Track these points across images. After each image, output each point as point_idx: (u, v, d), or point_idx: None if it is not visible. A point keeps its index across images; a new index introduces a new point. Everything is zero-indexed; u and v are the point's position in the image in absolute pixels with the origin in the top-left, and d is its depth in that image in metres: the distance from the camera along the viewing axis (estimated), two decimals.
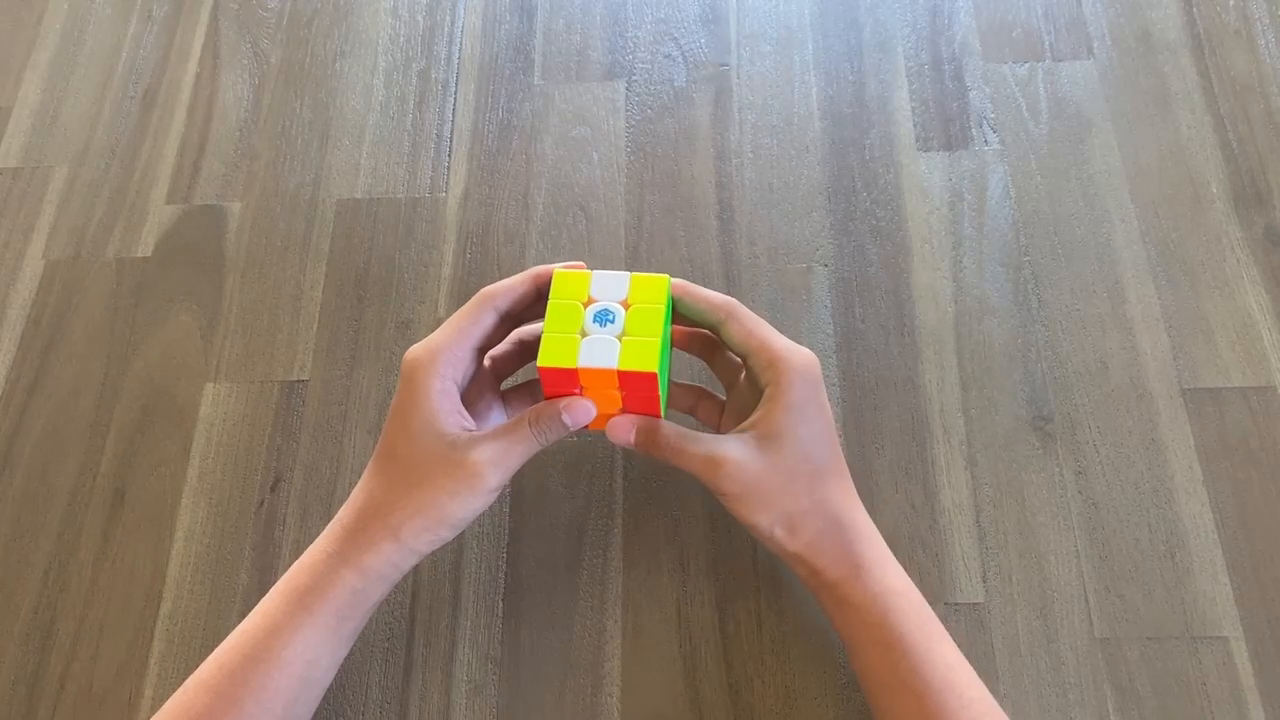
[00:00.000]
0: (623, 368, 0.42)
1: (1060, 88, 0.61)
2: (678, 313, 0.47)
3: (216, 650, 0.42)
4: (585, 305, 0.44)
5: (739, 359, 0.47)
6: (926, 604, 0.42)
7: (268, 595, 0.43)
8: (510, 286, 0.45)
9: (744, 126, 0.61)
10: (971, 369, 0.53)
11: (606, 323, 0.43)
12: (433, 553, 0.46)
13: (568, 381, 0.43)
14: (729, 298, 0.45)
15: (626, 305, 0.44)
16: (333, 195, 0.61)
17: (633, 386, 0.43)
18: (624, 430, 0.45)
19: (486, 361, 0.47)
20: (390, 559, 0.43)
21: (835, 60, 0.63)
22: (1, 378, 0.56)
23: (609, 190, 0.60)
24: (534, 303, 0.46)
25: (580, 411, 0.44)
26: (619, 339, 0.43)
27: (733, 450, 0.43)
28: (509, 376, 0.49)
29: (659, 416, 0.45)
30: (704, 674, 0.47)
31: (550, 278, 0.45)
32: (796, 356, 0.44)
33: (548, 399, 0.44)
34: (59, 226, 0.60)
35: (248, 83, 0.65)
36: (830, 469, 0.44)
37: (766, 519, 0.43)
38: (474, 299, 0.45)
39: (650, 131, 0.62)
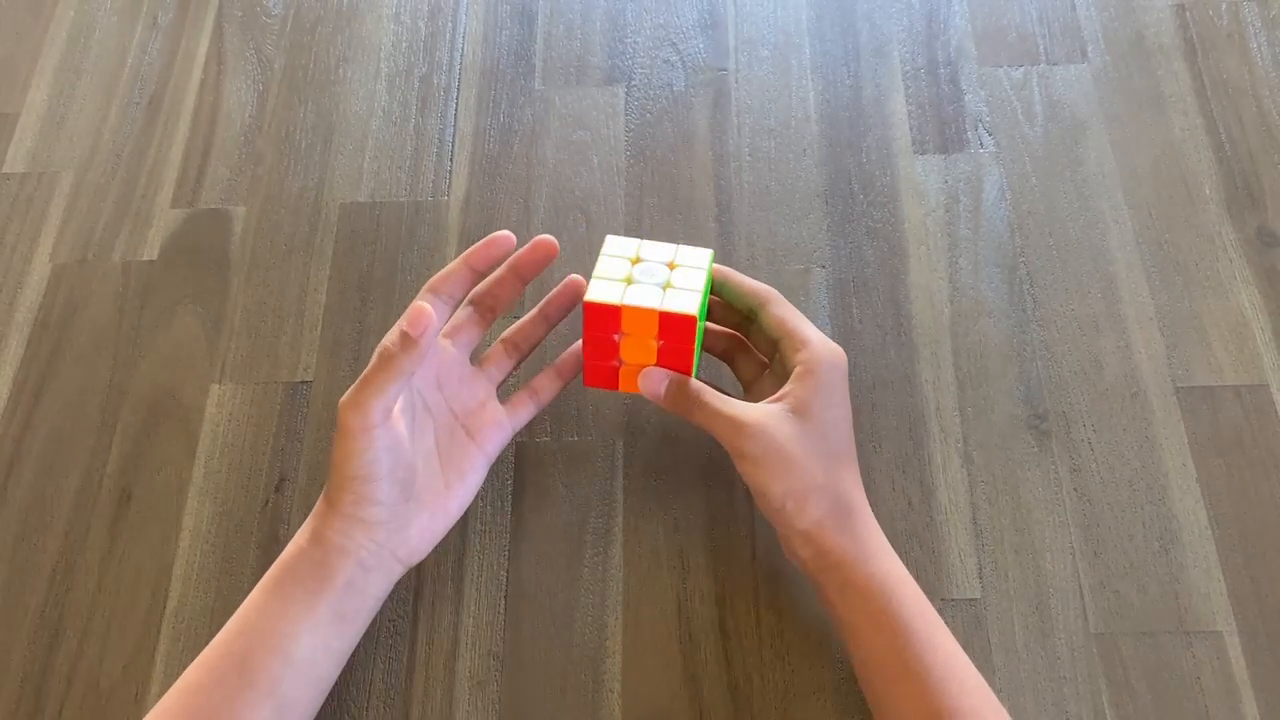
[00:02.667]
0: (664, 309, 0.44)
1: (1055, 91, 0.62)
2: (716, 297, 0.50)
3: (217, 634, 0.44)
4: (634, 264, 0.47)
5: (763, 357, 0.49)
6: (924, 595, 0.43)
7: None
8: (447, 272, 0.47)
9: (742, 130, 0.62)
10: (968, 368, 0.54)
11: (652, 277, 0.46)
12: (434, 551, 0.47)
13: (610, 323, 0.45)
14: (769, 287, 0.48)
15: (672, 266, 0.47)
16: (336, 199, 0.61)
17: (671, 334, 0.45)
18: (657, 381, 0.46)
19: (481, 364, 0.49)
20: (339, 529, 0.43)
21: (832, 64, 0.64)
22: (9, 380, 0.56)
23: (609, 193, 0.61)
24: (473, 283, 0.48)
25: (421, 321, 0.40)
26: (663, 288, 0.45)
27: (759, 414, 0.44)
28: (503, 379, 0.51)
29: (690, 376, 0.47)
30: (704, 671, 0.47)
31: (480, 256, 0.47)
32: (827, 347, 0.46)
33: (585, 346, 0.47)
34: (65, 230, 0.61)
35: (252, 88, 0.66)
36: (846, 456, 0.45)
37: (780, 488, 0.43)
38: (414, 304, 0.42)
39: (649, 135, 0.62)
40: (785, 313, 0.47)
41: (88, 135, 0.64)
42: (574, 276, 0.51)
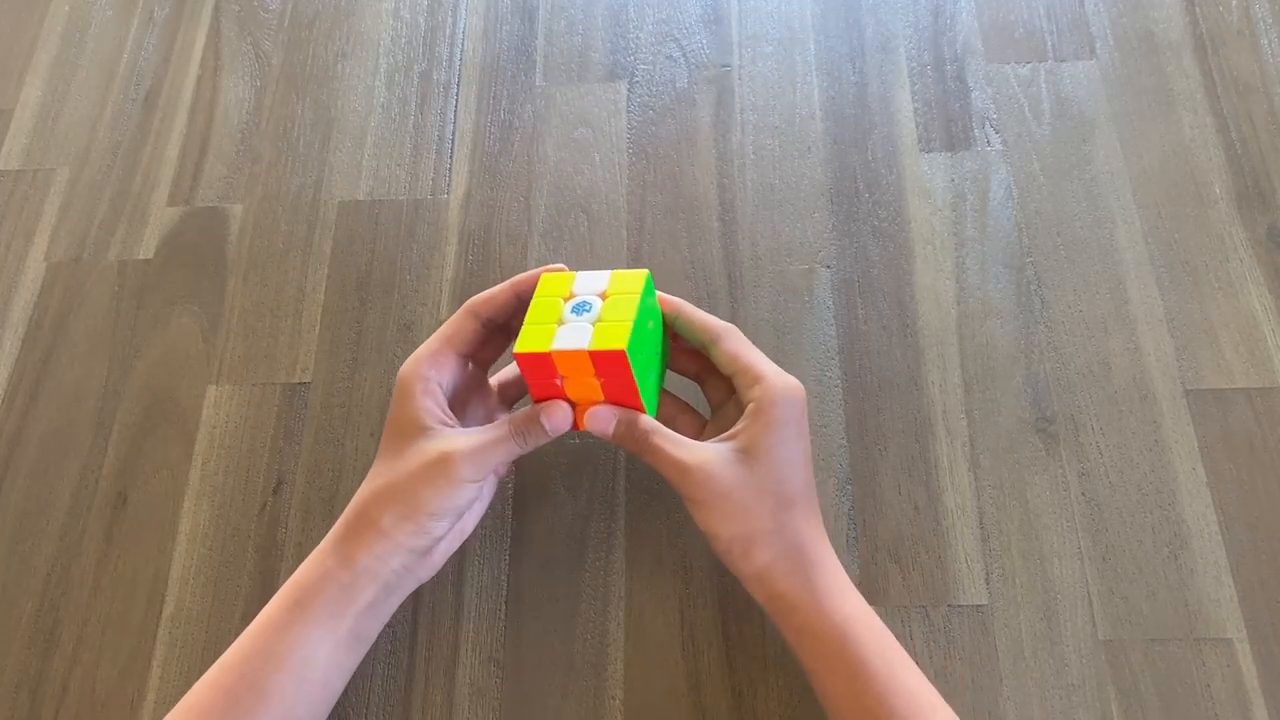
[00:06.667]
0: (593, 348, 0.42)
1: (1063, 88, 0.61)
2: (674, 331, 0.48)
3: (224, 652, 0.43)
4: (565, 300, 0.45)
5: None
6: (887, 630, 0.42)
7: (273, 598, 0.44)
8: (490, 295, 0.46)
9: (746, 127, 0.61)
10: (974, 370, 0.53)
11: (583, 312, 0.44)
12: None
13: (546, 370, 0.44)
14: (726, 323, 0.46)
15: (604, 296, 0.45)
16: (334, 197, 0.61)
17: (609, 372, 0.43)
18: (604, 419, 0.45)
19: (494, 385, 0.49)
20: (376, 553, 0.43)
21: (837, 61, 0.63)
22: (4, 380, 0.56)
23: (611, 191, 0.60)
24: (517, 311, 0.47)
25: (558, 416, 0.44)
26: (593, 324, 0.44)
27: (706, 457, 0.43)
28: (518, 400, 0.50)
29: (642, 411, 0.45)
30: (707, 677, 0.47)
31: (530, 284, 0.46)
32: (782, 380, 0.44)
33: (532, 394, 0.45)
34: (61, 229, 0.60)
35: (249, 84, 0.65)
36: (799, 497, 0.44)
37: (726, 532, 0.43)
38: (458, 310, 0.46)
39: (652, 133, 0.61)
40: (738, 348, 0.45)
41: (83, 132, 0.64)
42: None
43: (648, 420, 0.44)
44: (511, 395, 0.50)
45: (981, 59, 0.62)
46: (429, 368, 0.45)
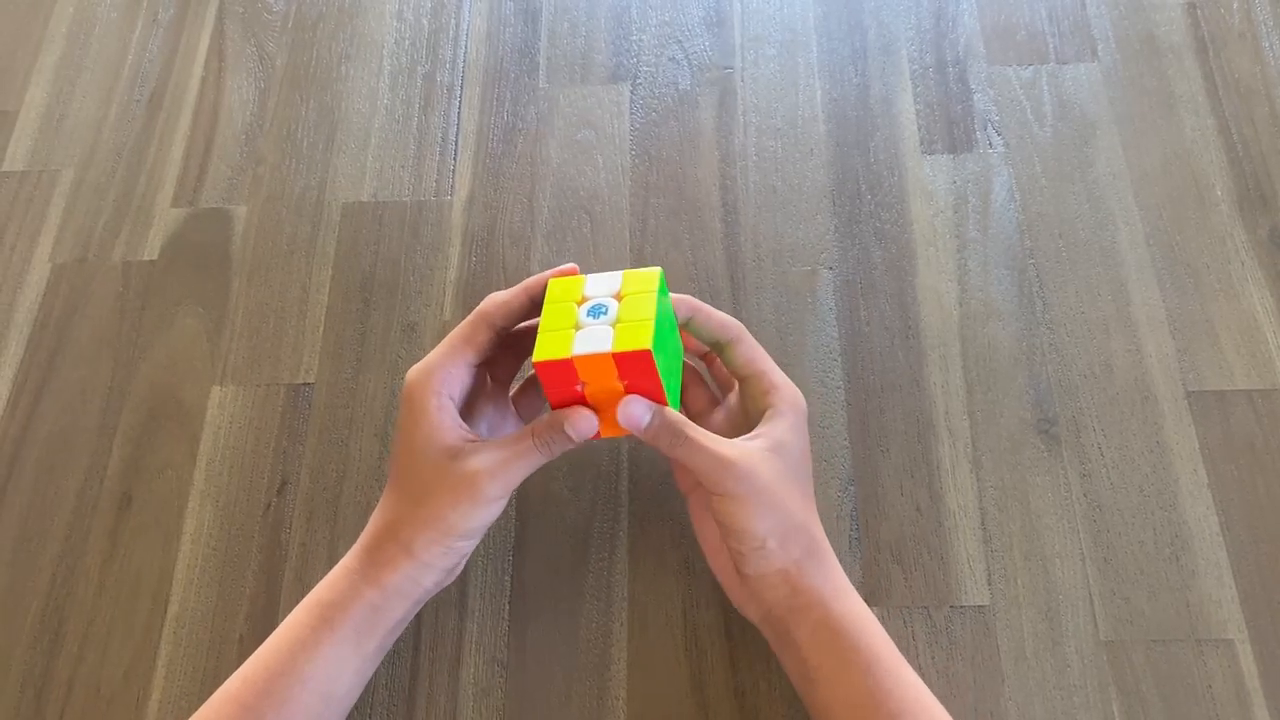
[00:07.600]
0: (617, 349, 0.41)
1: (1064, 90, 0.61)
2: (686, 330, 0.47)
3: (243, 665, 0.43)
4: (579, 304, 0.44)
5: (716, 393, 0.49)
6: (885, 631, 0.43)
7: (293, 611, 0.44)
8: (504, 300, 0.45)
9: (748, 129, 0.61)
10: (976, 372, 0.53)
11: (600, 315, 0.43)
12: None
13: (567, 378, 0.42)
14: (738, 322, 0.47)
15: (620, 298, 0.44)
16: (338, 198, 0.61)
17: (633, 373, 0.42)
18: (638, 413, 0.42)
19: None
20: (407, 574, 0.43)
21: (839, 63, 0.63)
22: (9, 381, 0.56)
23: (613, 193, 0.60)
24: (530, 314, 0.46)
25: (583, 422, 0.43)
26: (612, 326, 0.43)
27: (744, 451, 0.43)
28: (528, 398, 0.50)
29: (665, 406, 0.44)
30: (710, 677, 0.47)
31: (541, 287, 0.45)
32: (792, 389, 0.46)
33: (551, 403, 0.44)
34: (65, 230, 0.61)
35: (253, 86, 0.65)
36: (811, 495, 0.45)
37: (764, 526, 0.42)
38: (469, 316, 0.45)
39: (655, 134, 0.62)
40: (754, 353, 0.46)
41: (88, 133, 0.64)
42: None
43: (680, 417, 0.43)
44: (528, 401, 0.50)
45: (983, 61, 0.62)
46: (440, 382, 0.44)
